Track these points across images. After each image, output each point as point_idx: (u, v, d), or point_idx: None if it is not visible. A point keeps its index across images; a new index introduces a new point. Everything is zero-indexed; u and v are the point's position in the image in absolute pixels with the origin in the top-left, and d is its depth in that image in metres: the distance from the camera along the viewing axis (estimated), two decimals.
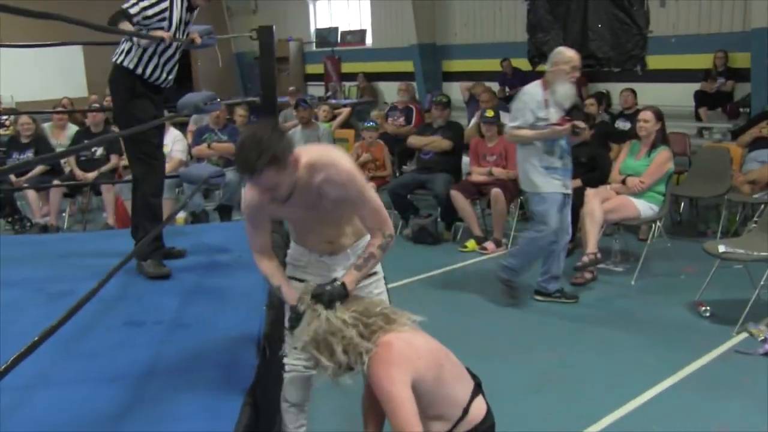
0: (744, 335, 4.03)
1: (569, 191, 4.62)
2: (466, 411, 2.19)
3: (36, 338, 1.63)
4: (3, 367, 1.47)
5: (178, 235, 4.26)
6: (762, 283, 4.18)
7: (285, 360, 2.62)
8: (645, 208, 5.07)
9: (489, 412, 2.28)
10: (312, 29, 15.16)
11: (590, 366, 3.78)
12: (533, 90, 4.52)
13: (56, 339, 1.78)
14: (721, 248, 4.20)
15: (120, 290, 3.30)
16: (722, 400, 3.36)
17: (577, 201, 5.40)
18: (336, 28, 14.42)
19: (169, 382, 2.49)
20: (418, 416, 2.04)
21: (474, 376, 2.33)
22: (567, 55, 4.43)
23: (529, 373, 3.69)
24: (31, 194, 6.76)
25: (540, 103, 4.44)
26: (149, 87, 3.59)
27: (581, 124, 4.45)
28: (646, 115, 5.15)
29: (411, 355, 2.10)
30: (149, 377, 2.53)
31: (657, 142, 5.12)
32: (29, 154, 6.80)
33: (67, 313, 1.83)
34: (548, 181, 4.49)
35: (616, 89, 8.90)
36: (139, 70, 3.51)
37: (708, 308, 4.35)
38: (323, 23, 14.94)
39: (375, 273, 2.61)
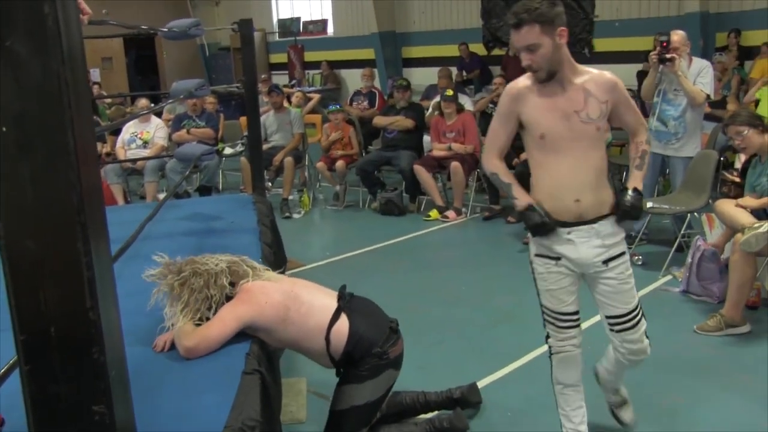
0: (668, 277, 4.72)
1: None
2: (328, 340, 2.37)
3: None
4: None
5: (173, 208, 4.74)
6: (682, 232, 4.87)
7: (550, 341, 2.60)
8: None
9: (355, 331, 2.37)
10: (275, 20, 15.57)
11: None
12: None
13: None
14: (649, 204, 4.84)
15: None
16: (649, 325, 3.99)
17: None
18: (298, 18, 14.88)
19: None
20: (218, 346, 2.19)
21: (341, 299, 2.46)
22: None
23: (489, 312, 4.31)
24: None
25: None
26: None
27: None
28: None
29: (260, 299, 2.31)
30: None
31: None
32: None
33: None
34: None
35: None
36: None
37: (640, 257, 5.00)
38: (285, 14, 15.37)
39: (623, 253, 2.51)
